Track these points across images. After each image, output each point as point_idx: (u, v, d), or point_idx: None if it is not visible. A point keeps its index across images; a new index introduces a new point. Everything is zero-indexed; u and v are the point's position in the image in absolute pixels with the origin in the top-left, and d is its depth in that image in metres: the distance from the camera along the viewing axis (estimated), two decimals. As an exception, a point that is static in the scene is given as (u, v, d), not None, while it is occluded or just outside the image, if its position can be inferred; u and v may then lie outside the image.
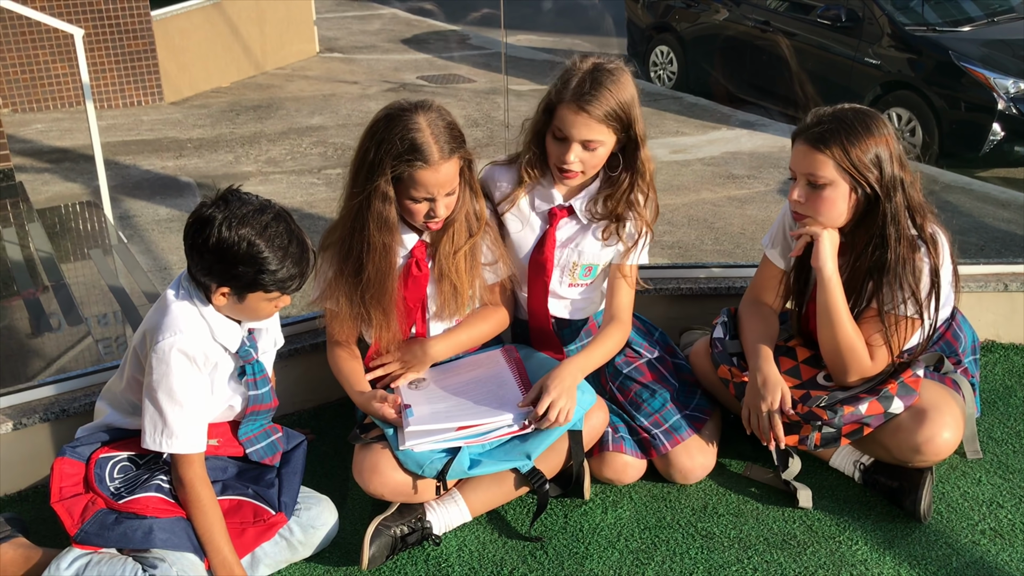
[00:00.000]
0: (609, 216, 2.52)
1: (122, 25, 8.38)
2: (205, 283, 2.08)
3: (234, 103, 8.75)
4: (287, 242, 2.05)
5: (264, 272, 2.03)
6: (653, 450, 2.53)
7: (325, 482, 2.59)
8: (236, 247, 2.00)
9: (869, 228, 2.35)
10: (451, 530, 2.43)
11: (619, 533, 2.43)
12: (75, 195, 6.26)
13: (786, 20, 8.16)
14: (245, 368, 2.19)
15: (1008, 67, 6.88)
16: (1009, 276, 3.22)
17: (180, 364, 2.06)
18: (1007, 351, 3.23)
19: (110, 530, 2.06)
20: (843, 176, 2.31)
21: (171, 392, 2.06)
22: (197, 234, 2.04)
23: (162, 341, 2.05)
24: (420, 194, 2.29)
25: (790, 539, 2.40)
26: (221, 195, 2.07)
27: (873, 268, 2.36)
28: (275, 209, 2.08)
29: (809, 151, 2.32)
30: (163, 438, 2.08)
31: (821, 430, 2.41)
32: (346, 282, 2.38)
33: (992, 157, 6.83)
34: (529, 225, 2.58)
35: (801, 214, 2.40)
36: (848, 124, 2.30)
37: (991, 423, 2.85)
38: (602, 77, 2.36)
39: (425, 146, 2.23)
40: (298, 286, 2.11)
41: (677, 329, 3.13)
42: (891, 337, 2.37)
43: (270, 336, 2.33)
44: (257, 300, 2.10)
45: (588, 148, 2.40)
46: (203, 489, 2.11)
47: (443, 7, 13.66)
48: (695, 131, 7.85)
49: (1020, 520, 2.44)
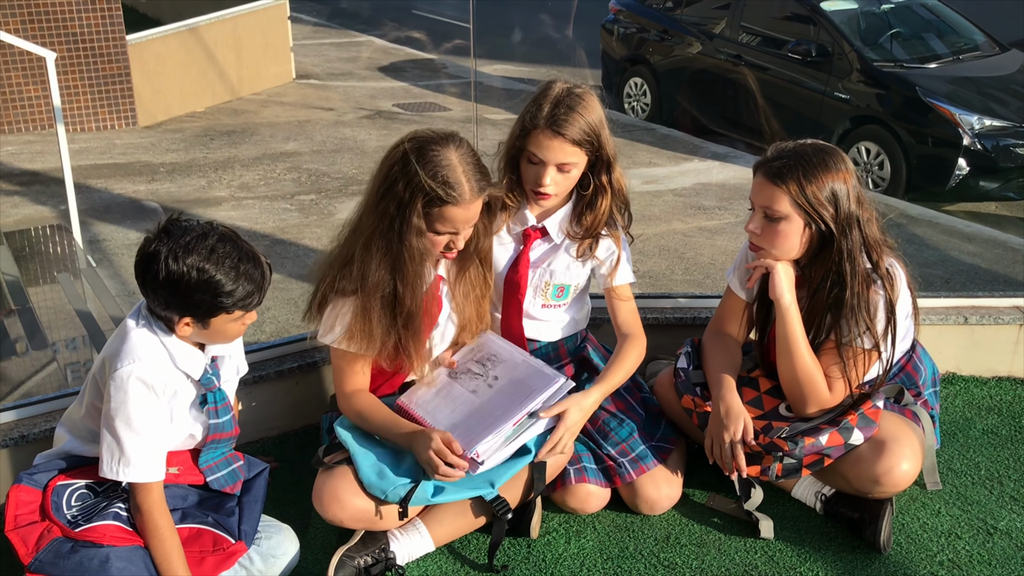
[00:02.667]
0: (588, 234, 2.59)
1: (97, 49, 8.37)
2: (166, 317, 2.07)
3: (208, 128, 8.74)
4: (237, 260, 2.03)
5: (221, 295, 2.02)
6: (618, 478, 2.54)
7: (288, 510, 2.57)
8: (187, 277, 1.99)
9: (825, 263, 2.38)
10: (414, 560, 2.42)
11: (582, 563, 2.43)
12: (44, 218, 6.21)
13: (758, 54, 8.28)
14: (207, 396, 2.17)
15: (973, 104, 7.02)
16: (969, 309, 3.28)
17: (138, 392, 2.04)
18: (967, 383, 3.28)
19: (65, 559, 2.02)
20: (798, 211, 2.34)
21: (129, 420, 2.04)
22: (146, 271, 2.01)
23: (120, 369, 2.03)
24: (447, 229, 2.28)
25: (751, 570, 2.41)
26: (162, 227, 2.04)
27: (831, 303, 2.39)
28: (219, 230, 2.06)
29: (767, 184, 2.36)
30: (120, 466, 2.05)
31: (783, 461, 2.42)
32: (378, 320, 2.30)
33: (958, 191, 6.94)
34: (503, 246, 2.62)
35: (757, 245, 2.43)
36: (806, 160, 2.33)
37: (951, 455, 2.88)
38: (572, 101, 2.42)
39: (459, 185, 2.22)
40: (259, 300, 2.10)
41: (644, 360, 3.14)
42: (849, 370, 2.40)
43: (233, 363, 2.31)
44: (222, 323, 2.09)
45: (562, 170, 2.46)
46: (161, 518, 2.09)
47: (420, 36, 13.75)
48: (667, 162, 7.93)
49: (977, 551, 2.46)
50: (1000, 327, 3.25)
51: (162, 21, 9.70)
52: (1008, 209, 7.17)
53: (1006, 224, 6.73)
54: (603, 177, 2.54)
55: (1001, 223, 6.74)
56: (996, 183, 6.86)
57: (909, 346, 2.64)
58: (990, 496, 2.69)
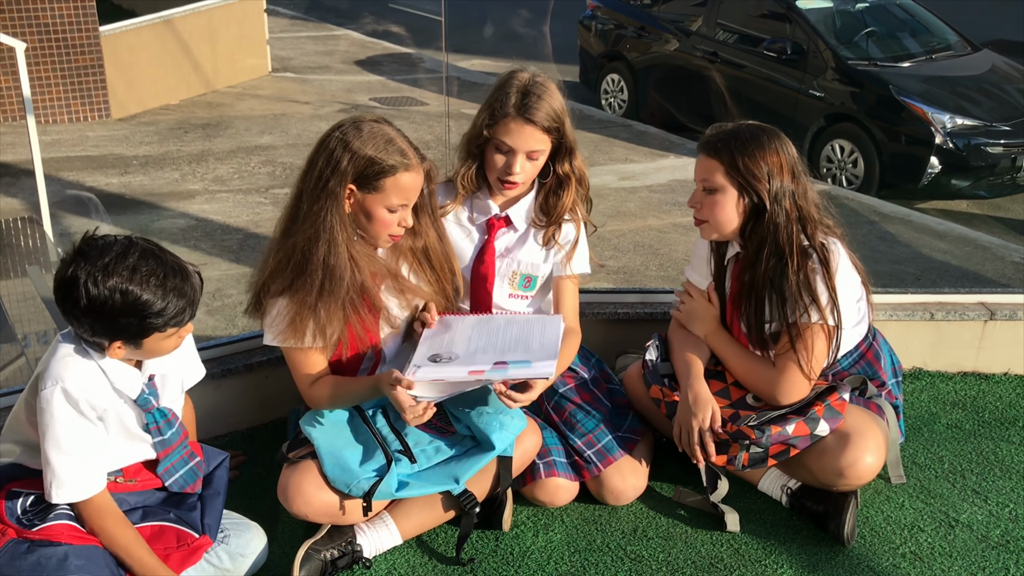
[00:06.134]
0: (552, 222, 2.62)
1: (69, 40, 8.28)
2: (96, 342, 1.99)
3: (183, 121, 8.67)
4: (163, 277, 1.93)
5: (150, 316, 1.93)
6: (586, 471, 2.55)
7: (256, 505, 2.56)
8: (110, 301, 1.88)
9: (761, 234, 2.46)
10: (381, 553, 2.42)
11: (549, 556, 2.44)
12: (14, 210, 6.14)
13: (734, 52, 8.31)
14: (147, 417, 2.12)
15: (946, 103, 7.09)
16: (935, 305, 3.31)
17: (62, 412, 1.97)
18: (933, 379, 3.31)
19: (22, 559, 1.97)
20: (731, 182, 2.45)
21: (57, 441, 1.97)
22: (65, 299, 1.91)
23: (44, 391, 1.96)
24: (399, 201, 2.26)
25: (717, 562, 2.42)
26: (77, 248, 1.92)
27: (770, 276, 2.44)
28: (139, 246, 1.95)
29: (704, 159, 2.49)
30: (53, 488, 1.99)
31: (749, 450, 2.45)
32: (318, 310, 2.25)
33: (930, 189, 7.01)
34: (468, 237, 2.63)
35: (699, 219, 2.53)
36: (740, 136, 2.45)
37: (915, 449, 2.91)
38: (537, 89, 2.48)
39: (405, 150, 2.24)
40: (192, 314, 2.02)
41: (614, 353, 3.16)
42: (800, 350, 2.43)
43: (177, 378, 2.21)
44: (155, 341, 2.00)
45: (531, 158, 2.50)
46: (114, 524, 2.05)
47: (398, 30, 13.71)
48: (643, 158, 7.95)
49: (939, 544, 2.50)
50: (965, 323, 3.29)
51: (136, 13, 9.60)
52: (979, 207, 7.25)
53: (977, 222, 6.81)
54: (566, 164, 2.58)
55: (972, 221, 6.81)
56: (967, 181, 6.93)
57: (865, 330, 2.66)
58: (952, 489, 2.72)
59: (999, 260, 5.81)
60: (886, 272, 5.44)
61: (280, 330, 2.29)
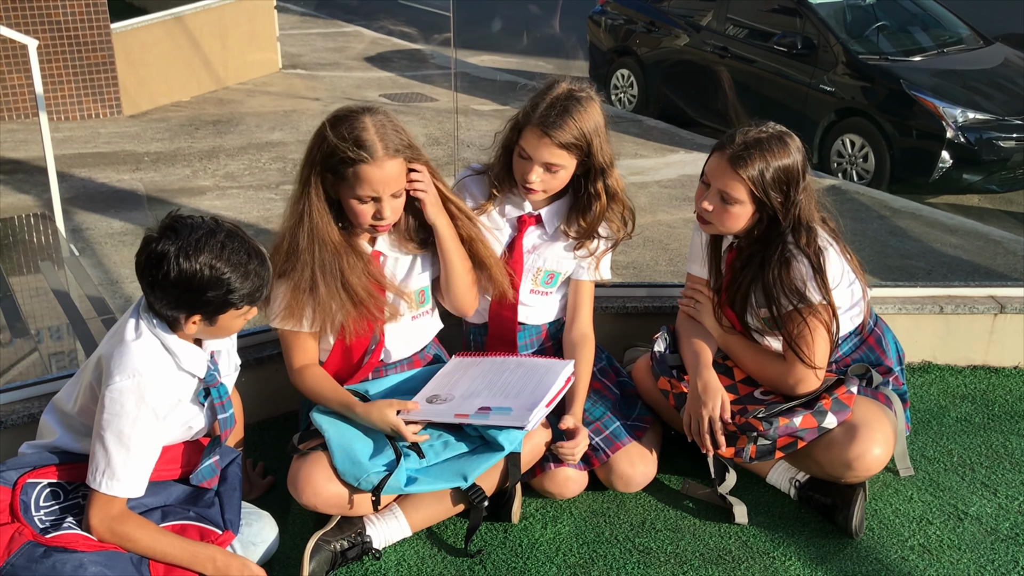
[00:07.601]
0: (583, 235, 2.62)
1: (81, 37, 8.32)
2: (172, 316, 2.05)
3: (193, 117, 8.71)
4: (246, 257, 2.04)
5: (232, 292, 2.02)
6: (595, 459, 2.56)
7: (267, 496, 2.59)
8: (199, 275, 1.98)
9: (765, 236, 2.48)
10: (391, 545, 2.44)
11: (557, 548, 2.45)
12: (27, 207, 6.19)
13: (744, 47, 8.29)
14: (210, 391, 2.16)
15: (957, 97, 7.05)
16: (944, 299, 3.31)
17: (134, 409, 2.00)
18: (942, 372, 3.31)
19: (38, 563, 1.98)
20: (752, 200, 2.44)
21: (120, 435, 2.01)
22: (155, 270, 1.99)
23: (118, 382, 2.00)
24: (365, 192, 2.28)
25: (725, 555, 2.43)
26: (167, 224, 2.02)
27: (766, 266, 2.45)
28: (226, 227, 2.05)
29: (728, 169, 2.43)
30: (104, 478, 2.02)
31: (757, 442, 2.45)
32: (311, 295, 2.34)
33: (941, 184, 6.97)
34: (499, 230, 2.65)
35: (705, 219, 2.53)
36: (768, 151, 2.41)
37: (924, 442, 2.91)
38: (570, 105, 2.44)
39: (371, 145, 2.25)
40: (264, 295, 2.13)
41: (622, 347, 3.17)
42: (798, 339, 2.44)
43: (230, 359, 2.31)
44: (229, 319, 2.09)
45: (550, 170, 2.49)
46: (125, 527, 2.06)
47: (408, 26, 13.72)
48: (653, 153, 7.95)
49: (948, 536, 2.50)
50: (975, 316, 3.29)
51: (147, 10, 9.65)
52: (990, 202, 7.21)
53: (988, 217, 6.78)
54: (598, 183, 2.55)
55: (983, 216, 6.78)
56: (979, 176, 6.90)
57: (862, 313, 2.67)
58: (961, 482, 2.72)
59: (1011, 255, 5.79)
60: (896, 267, 5.42)
61: (277, 312, 2.39)
